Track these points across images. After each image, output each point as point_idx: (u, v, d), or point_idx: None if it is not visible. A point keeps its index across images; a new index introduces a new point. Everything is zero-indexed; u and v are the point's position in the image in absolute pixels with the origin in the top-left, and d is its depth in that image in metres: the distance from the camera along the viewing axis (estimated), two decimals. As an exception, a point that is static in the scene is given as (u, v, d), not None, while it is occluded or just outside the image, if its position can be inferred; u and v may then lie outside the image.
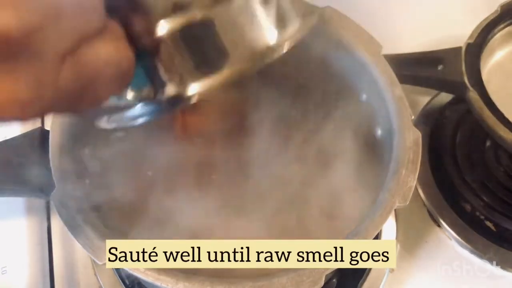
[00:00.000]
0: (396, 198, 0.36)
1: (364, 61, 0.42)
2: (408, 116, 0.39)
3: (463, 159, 0.53)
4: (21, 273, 0.46)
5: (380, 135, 0.42)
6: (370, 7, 0.64)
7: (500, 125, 0.47)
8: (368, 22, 0.44)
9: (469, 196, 0.51)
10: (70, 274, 0.47)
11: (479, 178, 0.52)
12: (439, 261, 0.49)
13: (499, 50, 0.55)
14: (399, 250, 0.50)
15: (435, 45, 0.54)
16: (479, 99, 0.48)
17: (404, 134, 0.38)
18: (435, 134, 0.55)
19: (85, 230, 0.34)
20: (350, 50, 0.43)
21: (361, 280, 0.46)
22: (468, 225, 0.50)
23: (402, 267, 0.49)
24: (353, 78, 0.44)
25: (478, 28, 0.52)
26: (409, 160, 0.37)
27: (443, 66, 0.52)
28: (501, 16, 0.53)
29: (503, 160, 0.52)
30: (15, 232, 0.48)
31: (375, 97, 0.42)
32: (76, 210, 0.35)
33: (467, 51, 0.51)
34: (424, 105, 0.58)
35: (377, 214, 0.35)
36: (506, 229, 0.50)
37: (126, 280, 0.45)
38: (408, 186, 0.36)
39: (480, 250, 0.49)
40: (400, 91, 0.40)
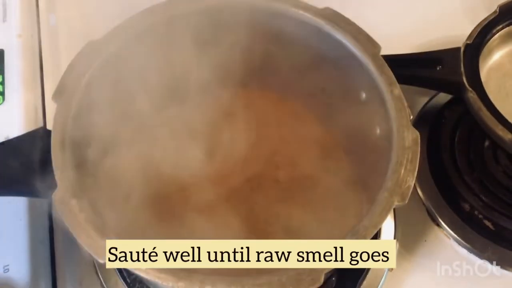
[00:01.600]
0: (395, 197, 0.36)
1: (363, 61, 0.42)
2: (407, 116, 0.39)
3: (462, 159, 0.53)
4: (23, 271, 0.46)
5: (379, 135, 0.42)
6: (369, 8, 0.65)
7: (498, 125, 0.47)
8: (367, 23, 0.44)
9: (468, 195, 0.51)
10: (72, 273, 0.48)
11: (478, 177, 0.52)
12: (438, 260, 0.49)
13: (497, 51, 0.55)
14: (398, 249, 0.50)
15: (434, 45, 0.54)
16: (478, 99, 0.49)
17: (403, 134, 0.39)
18: (434, 134, 0.55)
19: (86, 229, 0.34)
20: (349, 50, 0.43)
21: (360, 278, 0.46)
22: (467, 224, 0.50)
23: (401, 266, 0.49)
24: (352, 78, 0.45)
25: (476, 28, 0.52)
26: (408, 160, 0.37)
27: (442, 66, 0.52)
28: (499, 17, 0.53)
29: (501, 160, 0.53)
30: (17, 231, 0.48)
31: (374, 97, 0.42)
32: (78, 210, 0.35)
33: (466, 51, 0.51)
34: (423, 105, 0.58)
35: (376, 213, 0.35)
36: (505, 228, 0.50)
37: (127, 278, 0.46)
38: (407, 186, 0.37)
39: (479, 249, 0.49)
40: (399, 91, 0.40)
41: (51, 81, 0.58)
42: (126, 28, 0.42)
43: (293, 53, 0.48)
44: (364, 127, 0.45)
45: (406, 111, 0.39)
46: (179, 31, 0.45)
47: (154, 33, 0.43)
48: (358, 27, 0.43)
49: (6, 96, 0.56)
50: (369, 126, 0.44)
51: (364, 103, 0.44)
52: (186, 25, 0.45)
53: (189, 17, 0.44)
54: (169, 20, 0.43)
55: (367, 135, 0.44)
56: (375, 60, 0.42)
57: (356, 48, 0.42)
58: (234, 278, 0.32)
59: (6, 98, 0.56)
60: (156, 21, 0.43)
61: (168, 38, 0.45)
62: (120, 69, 0.43)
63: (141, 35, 0.43)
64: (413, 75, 0.53)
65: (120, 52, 0.42)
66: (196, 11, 0.44)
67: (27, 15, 0.63)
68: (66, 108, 0.39)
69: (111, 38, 0.42)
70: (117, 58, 0.42)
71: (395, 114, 0.39)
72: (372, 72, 0.41)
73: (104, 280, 0.46)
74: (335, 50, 0.44)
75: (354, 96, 0.45)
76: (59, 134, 0.38)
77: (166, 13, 0.43)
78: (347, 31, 0.43)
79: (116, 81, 0.43)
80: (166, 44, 0.45)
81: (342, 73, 0.46)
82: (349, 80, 0.45)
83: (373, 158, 0.43)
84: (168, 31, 0.44)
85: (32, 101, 0.56)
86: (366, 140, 0.45)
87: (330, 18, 0.43)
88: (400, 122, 0.39)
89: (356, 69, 0.43)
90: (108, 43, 0.41)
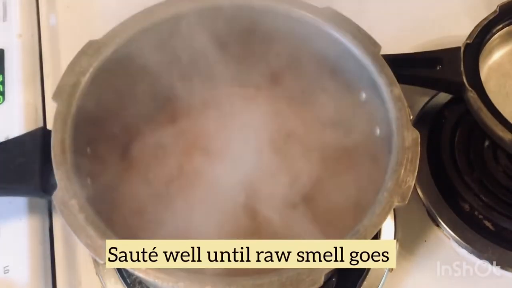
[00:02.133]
0: (395, 197, 0.36)
1: (363, 61, 0.42)
2: (407, 116, 0.39)
3: (461, 159, 0.53)
4: (23, 272, 0.46)
5: (379, 135, 0.42)
6: (369, 8, 0.65)
7: (498, 125, 0.47)
8: (367, 23, 0.44)
9: (468, 195, 0.51)
10: (72, 273, 0.48)
11: (478, 177, 0.52)
12: (438, 261, 0.49)
13: (497, 50, 0.55)
14: (398, 249, 0.50)
15: (434, 45, 0.54)
16: (478, 99, 0.49)
17: (403, 134, 0.39)
18: (434, 134, 0.55)
19: (86, 229, 0.34)
20: (349, 50, 0.43)
21: (361, 279, 0.46)
22: (467, 224, 0.50)
23: (401, 266, 0.49)
24: (353, 78, 0.45)
25: (476, 28, 0.52)
26: (408, 160, 0.37)
27: (442, 66, 0.52)
28: (499, 16, 0.53)
29: (501, 160, 0.53)
30: (17, 232, 0.48)
31: (374, 97, 0.42)
32: (78, 210, 0.35)
33: (466, 51, 0.51)
34: (423, 105, 0.58)
35: (376, 213, 0.35)
36: (505, 229, 0.50)
37: (127, 279, 0.46)
38: (407, 186, 0.37)
39: (479, 250, 0.49)
40: (399, 91, 0.40)
41: (51, 81, 0.58)
42: (126, 28, 0.42)
43: (293, 53, 0.48)
44: (364, 127, 0.45)
45: (406, 111, 0.39)
46: (179, 31, 0.45)
47: (154, 33, 0.43)
48: (358, 26, 0.43)
49: (6, 96, 0.56)
50: (369, 126, 0.44)
51: (364, 103, 0.44)
52: (186, 25, 0.45)
53: (189, 17, 0.44)
54: (169, 20, 0.43)
55: (367, 135, 0.44)
56: (375, 60, 0.42)
57: (356, 48, 0.42)
58: (234, 278, 0.32)
59: (6, 98, 0.56)
60: (156, 21, 0.43)
61: (168, 38, 0.45)
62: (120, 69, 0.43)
63: (141, 35, 0.43)
64: (413, 75, 0.53)
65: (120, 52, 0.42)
66: (196, 10, 0.44)
67: (28, 15, 0.63)
68: (66, 108, 0.39)
69: (111, 38, 0.42)
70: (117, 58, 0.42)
71: (395, 114, 0.39)
72: (372, 72, 0.41)
73: (104, 280, 0.46)
74: (335, 50, 0.44)
75: (354, 96, 0.45)
76: (59, 134, 0.38)
77: (166, 13, 0.43)
78: (347, 31, 0.43)
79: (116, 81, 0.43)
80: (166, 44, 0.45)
81: (342, 73, 0.46)
82: (349, 80, 0.45)
83: (373, 158, 0.43)
84: (168, 31, 0.44)
85: (32, 101, 0.56)
86: (366, 140, 0.45)
87: (330, 17, 0.43)
88: (400, 122, 0.39)
89: (356, 69, 0.43)
90: (108, 43, 0.41)
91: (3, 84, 0.57)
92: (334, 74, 0.47)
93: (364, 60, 0.42)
